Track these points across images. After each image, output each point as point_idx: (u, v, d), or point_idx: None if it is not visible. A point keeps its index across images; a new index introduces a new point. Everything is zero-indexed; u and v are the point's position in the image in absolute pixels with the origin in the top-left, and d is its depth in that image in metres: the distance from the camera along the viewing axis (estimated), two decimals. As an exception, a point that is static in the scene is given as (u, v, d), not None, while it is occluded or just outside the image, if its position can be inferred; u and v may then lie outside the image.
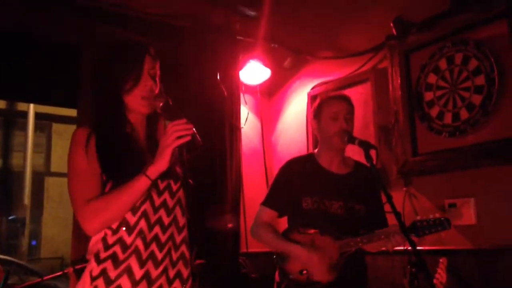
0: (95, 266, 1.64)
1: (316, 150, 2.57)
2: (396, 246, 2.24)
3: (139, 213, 1.66)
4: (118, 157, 1.67)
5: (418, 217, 2.24)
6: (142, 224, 1.66)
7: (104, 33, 3.18)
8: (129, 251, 1.63)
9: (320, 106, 2.49)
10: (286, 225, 2.50)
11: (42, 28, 3.10)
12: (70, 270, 2.78)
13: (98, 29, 3.21)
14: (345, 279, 2.29)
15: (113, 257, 1.63)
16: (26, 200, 12.09)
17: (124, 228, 1.65)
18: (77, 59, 3.21)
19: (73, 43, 3.22)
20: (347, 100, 2.47)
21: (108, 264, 1.63)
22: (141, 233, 1.65)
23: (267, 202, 2.52)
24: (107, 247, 1.64)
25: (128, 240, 1.64)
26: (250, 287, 3.62)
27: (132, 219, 1.66)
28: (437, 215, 2.22)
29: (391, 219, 2.13)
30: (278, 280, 2.42)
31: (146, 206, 1.67)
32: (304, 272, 2.27)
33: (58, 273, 2.96)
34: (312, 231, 2.36)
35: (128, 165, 1.66)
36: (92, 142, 1.66)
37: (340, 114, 2.40)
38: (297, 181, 2.45)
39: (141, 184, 1.61)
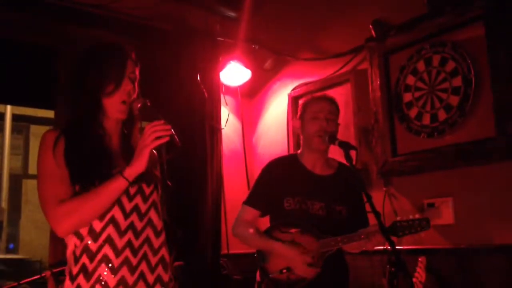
0: (69, 285, 1.61)
1: (299, 151, 2.58)
2: (377, 246, 2.27)
3: (106, 219, 1.62)
4: (86, 160, 1.64)
5: (398, 218, 2.28)
6: (110, 230, 1.62)
7: (82, 35, 3.15)
8: (97, 259, 1.60)
9: (303, 106, 2.52)
10: (268, 225, 2.49)
11: (19, 30, 3.05)
12: (47, 273, 2.74)
13: (76, 31, 3.18)
14: (325, 278, 2.31)
15: (83, 270, 1.60)
16: (3, 203, 11.87)
17: (90, 235, 1.61)
18: (55, 61, 3.18)
19: (50, 44, 3.18)
20: (330, 100, 2.48)
21: (80, 279, 1.59)
22: (108, 240, 1.61)
23: (249, 201, 2.52)
24: (76, 260, 1.61)
25: (94, 247, 1.60)
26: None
27: (98, 226, 1.62)
28: (417, 215, 2.26)
29: (371, 219, 2.15)
30: (258, 279, 2.43)
31: (115, 212, 1.63)
32: (284, 271, 2.28)
33: (35, 277, 2.91)
34: (293, 230, 2.37)
35: (96, 169, 1.63)
36: (61, 145, 1.64)
37: (321, 113, 2.41)
38: (279, 181, 2.46)
39: (117, 185, 1.59)
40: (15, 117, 12.23)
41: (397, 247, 1.98)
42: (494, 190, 2.64)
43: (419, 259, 2.59)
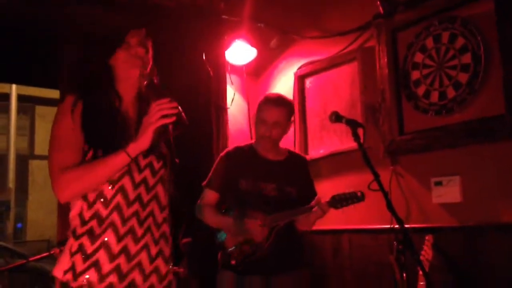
0: (73, 242, 1.64)
1: (254, 141, 2.81)
2: (318, 218, 2.54)
3: (116, 187, 1.65)
4: (102, 126, 1.66)
5: (336, 193, 2.49)
6: (119, 198, 1.65)
7: (84, 14, 3.12)
8: (105, 225, 1.63)
9: (259, 105, 2.70)
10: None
11: (22, 9, 3.02)
12: (56, 251, 2.77)
13: (78, 9, 3.15)
14: (277, 249, 2.53)
15: (90, 232, 1.63)
16: (10, 184, 11.98)
17: (101, 200, 1.64)
18: (57, 40, 3.15)
19: (53, 23, 3.15)
20: (282, 106, 2.65)
21: (85, 239, 1.63)
22: (117, 207, 1.64)
23: (209, 184, 2.73)
24: (83, 222, 1.64)
25: (104, 213, 1.64)
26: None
27: (109, 193, 1.65)
28: (351, 190, 2.47)
29: (378, 197, 2.14)
30: (218, 256, 2.66)
31: (125, 181, 1.66)
32: (238, 245, 2.53)
33: (44, 254, 2.94)
34: (248, 210, 2.57)
35: (111, 136, 1.64)
36: (78, 109, 1.66)
37: (269, 120, 2.61)
38: (236, 165, 2.68)
39: (119, 160, 1.59)
40: (21, 98, 12.26)
41: (404, 225, 1.99)
42: (502, 168, 2.62)
43: (426, 237, 2.59)
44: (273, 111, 2.62)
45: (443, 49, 2.91)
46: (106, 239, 1.62)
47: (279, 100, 2.69)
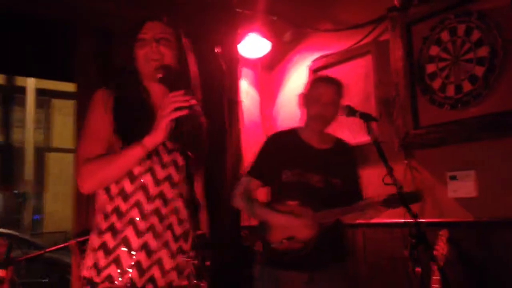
0: (95, 238, 1.67)
1: (299, 126, 2.61)
2: (371, 218, 2.36)
3: (136, 183, 1.66)
4: (133, 119, 1.68)
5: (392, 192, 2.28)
6: (139, 195, 1.65)
7: (99, 7, 3.14)
8: (125, 220, 1.64)
9: (309, 84, 2.55)
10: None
11: (38, 3, 3.05)
12: (72, 242, 2.80)
13: (94, 3, 3.17)
14: (323, 246, 2.37)
15: (111, 228, 1.65)
16: (28, 176, 12.13)
17: (121, 196, 1.66)
18: (73, 34, 3.18)
19: (70, 17, 3.18)
20: (334, 84, 2.50)
21: (107, 235, 1.65)
22: (137, 203, 1.65)
23: (251, 172, 2.57)
24: (106, 216, 1.66)
25: (124, 208, 1.65)
26: (253, 260, 3.65)
27: (129, 189, 1.66)
28: (409, 190, 2.33)
29: (393, 191, 2.13)
30: (260, 250, 2.49)
31: (146, 178, 1.67)
32: (284, 241, 2.34)
33: (60, 245, 2.98)
34: (292, 202, 2.41)
35: (140, 129, 1.64)
36: (110, 101, 1.69)
37: (322, 98, 2.44)
38: (278, 154, 2.50)
39: (135, 152, 1.60)
40: (37, 92, 12.37)
41: (418, 220, 1.98)
42: (519, 163, 2.59)
43: (441, 232, 2.58)
44: (328, 89, 2.46)
45: (459, 42, 2.88)
46: (126, 235, 1.63)
47: (333, 79, 2.54)
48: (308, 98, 2.51)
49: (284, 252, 2.37)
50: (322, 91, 2.45)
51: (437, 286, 2.38)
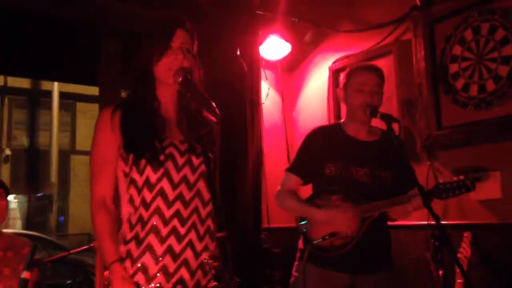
0: (122, 247, 1.70)
1: (342, 120, 2.55)
2: (417, 209, 2.20)
3: (155, 191, 1.68)
4: (137, 132, 1.70)
5: (441, 180, 2.22)
6: (159, 201, 1.68)
7: (123, 10, 3.18)
8: (147, 229, 1.67)
9: (348, 76, 2.45)
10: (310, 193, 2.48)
11: (61, 6, 3.10)
12: (96, 244, 2.84)
13: (117, 6, 3.21)
14: (367, 244, 2.28)
15: (136, 237, 1.68)
16: (53, 178, 12.35)
17: (143, 205, 1.69)
18: (97, 37, 3.22)
19: (93, 20, 3.22)
20: (376, 71, 2.41)
21: (132, 245, 1.68)
22: (157, 210, 1.67)
23: (292, 169, 2.50)
24: (131, 227, 1.70)
25: (145, 216, 1.68)
26: (272, 262, 3.64)
27: (148, 196, 1.68)
28: (461, 177, 2.19)
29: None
30: (301, 247, 2.42)
31: (163, 183, 1.68)
32: (327, 237, 2.24)
33: (84, 247, 3.02)
34: (335, 197, 2.34)
35: (146, 142, 1.69)
36: (117, 117, 1.72)
37: (366, 86, 2.34)
38: (321, 148, 2.42)
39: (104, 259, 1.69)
40: (62, 95, 12.61)
41: (442, 222, 1.95)
42: (545, 163, 2.54)
43: (465, 234, 2.54)
44: (371, 76, 2.36)
45: (482, 41, 2.83)
46: (149, 242, 1.66)
47: (374, 66, 2.46)
48: (350, 88, 2.40)
49: (326, 249, 2.30)
50: (365, 79, 2.35)
51: (461, 289, 2.34)
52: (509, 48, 2.69)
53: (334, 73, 3.79)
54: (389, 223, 2.45)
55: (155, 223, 1.67)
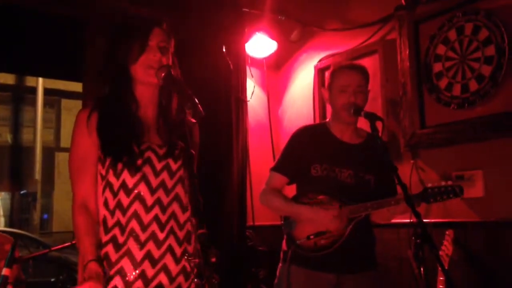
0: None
1: (328, 119, 2.54)
2: (405, 213, 2.21)
3: (132, 195, 1.67)
4: (114, 135, 1.68)
5: (429, 185, 2.21)
6: (136, 206, 1.66)
7: (108, 7, 3.15)
8: (126, 233, 1.65)
9: (332, 75, 2.44)
10: (295, 193, 2.47)
11: (47, 2, 3.07)
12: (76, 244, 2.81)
13: (103, 2, 3.18)
14: (352, 244, 2.27)
15: (114, 240, 1.66)
16: (37, 175, 12.23)
17: (119, 209, 1.67)
18: (82, 33, 3.19)
19: (78, 16, 3.19)
20: (360, 70, 2.40)
21: (109, 247, 1.66)
22: (135, 215, 1.66)
23: (278, 168, 2.48)
24: (107, 229, 1.68)
25: (123, 221, 1.66)
26: (257, 260, 3.65)
27: (125, 201, 1.67)
28: (449, 182, 2.19)
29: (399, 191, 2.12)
30: (285, 248, 2.41)
31: (141, 188, 1.67)
32: (312, 237, 2.24)
33: (66, 244, 2.99)
34: (320, 197, 2.33)
35: (123, 145, 1.67)
36: (93, 120, 1.71)
37: (349, 87, 2.33)
38: (307, 148, 2.41)
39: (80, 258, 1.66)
40: (47, 91, 12.48)
41: (424, 220, 1.96)
42: (526, 162, 2.57)
43: (447, 232, 2.56)
44: (354, 75, 2.35)
45: (466, 41, 2.86)
46: (128, 247, 1.64)
47: (358, 65, 2.44)
48: (333, 89, 2.39)
49: (310, 249, 2.28)
50: (348, 80, 2.34)
51: (442, 287, 2.36)
52: (492, 48, 2.71)
53: (320, 72, 3.80)
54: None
55: (133, 227, 1.65)
